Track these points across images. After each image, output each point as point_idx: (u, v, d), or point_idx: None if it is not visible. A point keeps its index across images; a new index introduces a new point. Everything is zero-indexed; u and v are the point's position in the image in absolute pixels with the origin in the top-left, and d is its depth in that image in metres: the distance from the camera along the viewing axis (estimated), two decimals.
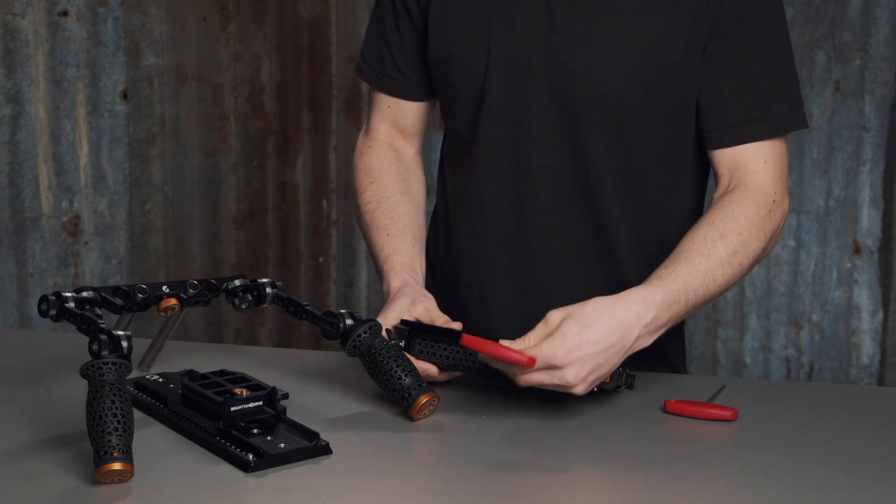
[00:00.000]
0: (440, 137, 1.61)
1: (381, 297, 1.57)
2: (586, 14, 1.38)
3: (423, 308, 1.37)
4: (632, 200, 1.45)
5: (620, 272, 1.46)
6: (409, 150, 1.61)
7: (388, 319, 1.36)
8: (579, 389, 1.20)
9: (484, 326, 1.50)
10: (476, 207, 1.50)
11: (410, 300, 1.38)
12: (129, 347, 1.11)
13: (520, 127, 1.43)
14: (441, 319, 1.36)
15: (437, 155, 1.63)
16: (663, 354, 1.51)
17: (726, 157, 1.41)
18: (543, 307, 1.31)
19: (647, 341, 1.25)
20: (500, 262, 1.49)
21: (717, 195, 1.42)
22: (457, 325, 1.35)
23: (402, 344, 1.33)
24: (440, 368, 1.33)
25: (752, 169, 1.40)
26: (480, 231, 1.50)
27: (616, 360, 1.22)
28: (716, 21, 1.37)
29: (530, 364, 1.17)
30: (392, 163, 1.57)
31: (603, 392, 1.30)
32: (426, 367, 1.33)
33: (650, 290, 1.26)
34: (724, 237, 1.33)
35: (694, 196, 1.51)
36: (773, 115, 1.40)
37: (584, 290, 1.33)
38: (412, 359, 1.31)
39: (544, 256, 1.47)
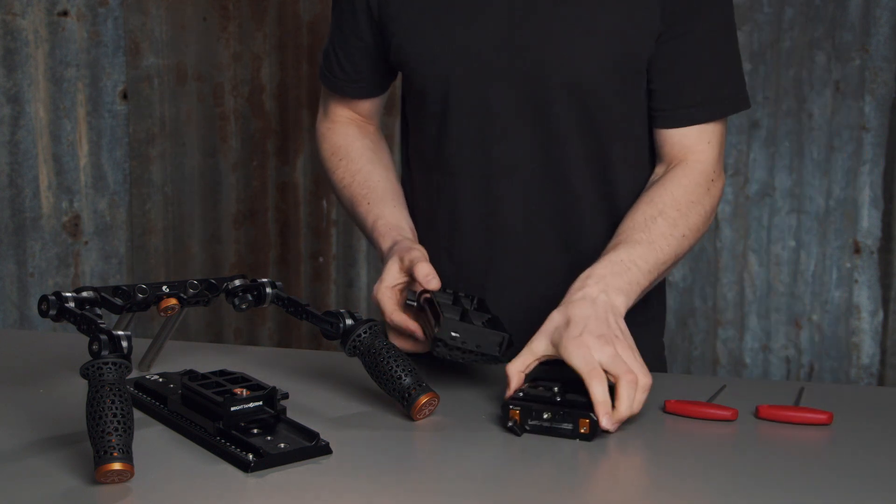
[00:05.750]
0: (392, 142, 1.62)
1: None
2: (548, 7, 1.40)
3: (409, 261, 1.37)
4: (604, 188, 1.48)
5: (595, 260, 1.47)
6: (370, 127, 1.65)
7: (384, 285, 1.36)
8: (633, 368, 1.23)
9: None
10: (450, 205, 1.51)
11: (399, 259, 1.38)
12: (129, 347, 1.11)
13: (488, 123, 1.45)
14: (422, 272, 1.34)
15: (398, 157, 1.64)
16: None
17: (672, 137, 1.46)
18: (519, 298, 1.37)
19: (619, 299, 1.30)
20: (476, 257, 1.50)
21: (658, 172, 1.48)
22: (435, 285, 1.34)
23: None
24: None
25: (696, 149, 1.45)
26: (455, 227, 1.52)
27: (609, 328, 1.25)
28: (671, 9, 1.40)
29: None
30: (357, 137, 1.61)
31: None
32: (413, 329, 1.34)
33: (592, 267, 1.33)
34: (664, 213, 1.39)
35: None
36: (721, 99, 1.46)
37: (560, 281, 1.35)
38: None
39: (520, 249, 1.49)
